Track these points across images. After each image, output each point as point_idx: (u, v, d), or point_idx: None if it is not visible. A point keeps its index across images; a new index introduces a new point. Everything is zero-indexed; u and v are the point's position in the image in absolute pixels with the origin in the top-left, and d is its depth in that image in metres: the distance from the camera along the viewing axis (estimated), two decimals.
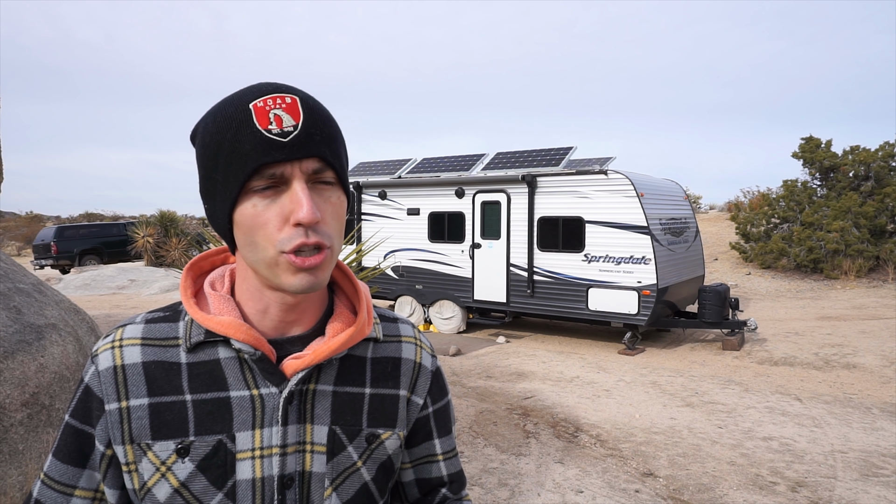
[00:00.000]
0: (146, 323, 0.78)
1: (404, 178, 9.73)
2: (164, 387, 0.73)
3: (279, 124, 0.66)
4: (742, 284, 13.34)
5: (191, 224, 23.29)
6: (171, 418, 0.72)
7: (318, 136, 0.69)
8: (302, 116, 0.68)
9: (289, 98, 0.68)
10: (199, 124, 0.72)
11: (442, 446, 0.91)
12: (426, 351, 0.89)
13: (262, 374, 0.74)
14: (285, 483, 0.73)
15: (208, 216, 0.74)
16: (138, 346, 0.75)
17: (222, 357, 0.74)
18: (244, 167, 0.66)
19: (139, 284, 14.85)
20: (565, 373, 6.69)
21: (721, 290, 7.73)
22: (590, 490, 3.80)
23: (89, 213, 38.65)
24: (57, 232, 19.01)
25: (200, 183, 0.72)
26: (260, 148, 0.66)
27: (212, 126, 0.69)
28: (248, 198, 0.68)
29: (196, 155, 0.72)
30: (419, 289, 9.43)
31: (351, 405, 0.78)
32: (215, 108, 0.70)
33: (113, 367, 0.74)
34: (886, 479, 3.90)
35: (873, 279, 12.71)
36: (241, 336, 0.73)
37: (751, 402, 5.52)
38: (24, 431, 2.40)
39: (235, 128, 0.67)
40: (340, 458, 0.76)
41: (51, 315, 2.86)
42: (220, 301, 0.76)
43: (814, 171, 14.52)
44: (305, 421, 0.75)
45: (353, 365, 0.80)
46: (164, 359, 0.74)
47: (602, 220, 7.78)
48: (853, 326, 8.74)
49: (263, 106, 0.67)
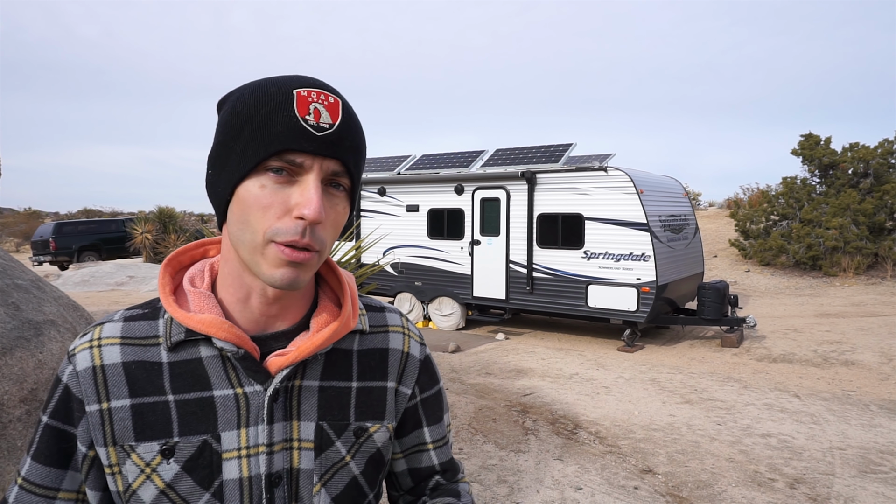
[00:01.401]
0: (125, 321, 0.76)
1: (403, 174, 9.72)
2: (145, 387, 0.71)
3: (317, 118, 0.67)
4: (741, 281, 13.35)
5: (189, 220, 23.28)
6: (155, 419, 0.70)
7: (349, 142, 0.69)
8: (340, 119, 0.68)
9: (332, 98, 0.69)
10: (234, 93, 0.71)
11: (432, 435, 0.90)
12: (414, 339, 0.88)
13: (245, 372, 0.72)
14: (273, 481, 0.72)
15: (208, 182, 0.72)
16: (118, 345, 0.73)
17: (204, 356, 0.73)
18: (269, 146, 0.66)
19: (138, 281, 14.83)
20: (564, 369, 6.69)
21: (720, 287, 7.73)
22: (589, 487, 3.80)
23: (88, 210, 38.60)
24: (55, 228, 18.98)
25: (213, 149, 0.71)
26: (291, 133, 0.66)
27: (248, 98, 0.68)
28: (259, 176, 0.67)
29: (219, 121, 0.71)
30: (418, 285, 9.43)
31: (338, 400, 0.77)
32: (255, 84, 0.70)
33: (92, 367, 0.72)
34: (885, 475, 3.91)
35: (872, 276, 12.72)
36: (222, 334, 0.71)
37: (749, 399, 5.53)
38: (22, 428, 2.40)
39: (273, 107, 0.66)
40: (329, 454, 0.76)
41: (49, 311, 2.86)
42: (201, 298, 0.74)
43: (813, 169, 14.51)
44: (292, 418, 0.74)
45: (340, 359, 0.79)
46: (145, 358, 0.73)
47: (601, 217, 7.78)
48: (852, 323, 8.75)
49: (307, 96, 0.67)
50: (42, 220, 33.25)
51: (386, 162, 10.46)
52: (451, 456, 0.94)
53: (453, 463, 0.94)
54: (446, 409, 0.93)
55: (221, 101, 0.73)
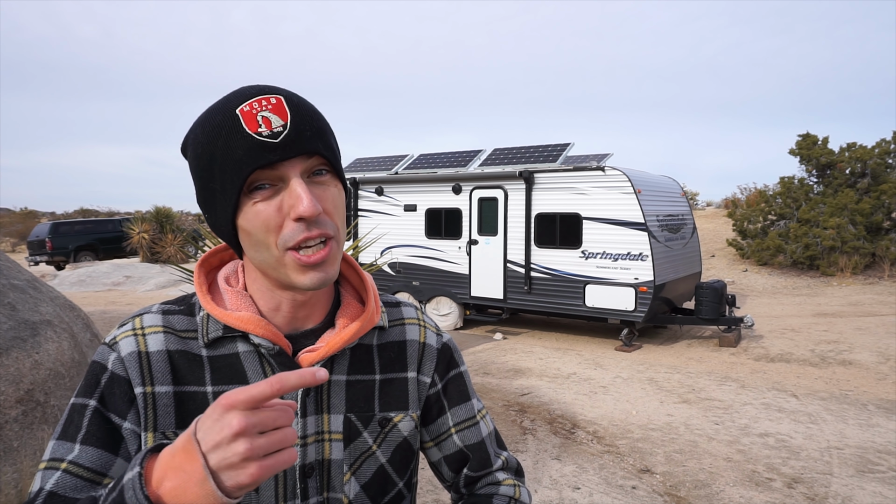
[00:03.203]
0: (163, 314, 0.79)
1: (401, 174, 9.71)
2: (187, 377, 0.74)
3: (268, 126, 0.67)
4: (739, 281, 13.37)
5: (186, 220, 23.23)
6: (195, 408, 0.73)
7: (309, 131, 0.69)
8: (289, 115, 0.68)
9: (273, 98, 0.69)
10: (189, 136, 0.73)
11: (454, 418, 0.90)
12: (430, 330, 0.91)
13: (280, 367, 0.75)
14: (307, 472, 0.75)
15: (211, 225, 0.75)
16: (161, 333, 0.76)
17: (241, 351, 0.76)
18: (240, 173, 0.67)
19: (134, 281, 14.79)
20: (562, 369, 6.69)
21: (718, 287, 7.74)
22: (587, 486, 3.80)
23: (84, 210, 38.52)
24: (52, 228, 18.92)
25: (198, 194, 0.73)
26: (253, 152, 0.66)
27: (202, 136, 0.69)
28: (247, 202, 0.69)
29: (190, 167, 0.73)
30: (416, 285, 9.42)
31: (363, 392, 0.81)
32: (202, 118, 0.71)
33: (137, 352, 0.74)
34: (882, 475, 3.91)
35: (869, 276, 12.75)
36: (259, 331, 0.74)
37: (747, 399, 5.54)
38: (18, 428, 2.38)
39: (226, 135, 0.67)
40: (357, 444, 0.79)
41: (46, 311, 2.84)
42: (237, 297, 0.77)
43: (811, 168, 14.54)
44: (323, 411, 0.77)
45: (363, 354, 0.82)
46: (187, 349, 0.76)
47: (599, 217, 7.78)
48: (849, 323, 8.77)
49: (250, 110, 0.67)
50: (38, 219, 33.16)
51: (383, 161, 10.45)
52: (481, 437, 0.91)
53: (481, 445, 0.91)
54: (472, 393, 0.93)
55: (183, 147, 0.74)
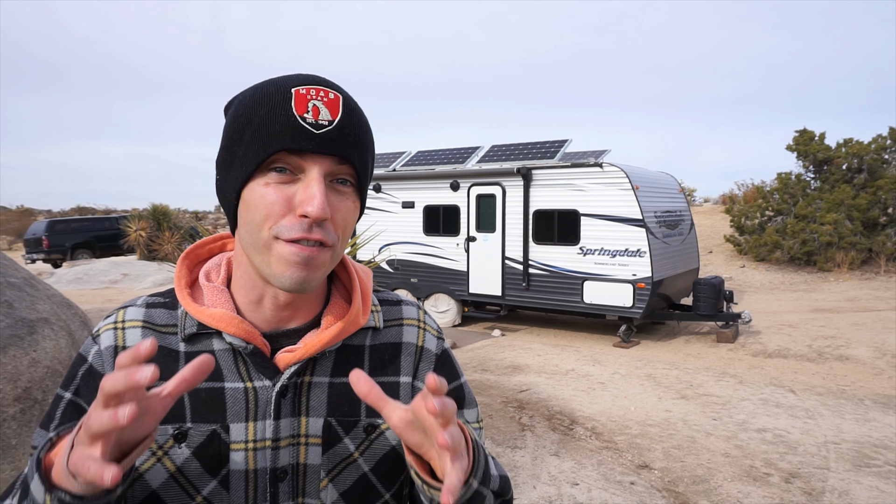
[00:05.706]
0: (146, 307, 0.78)
1: (399, 170, 9.69)
2: (163, 372, 0.72)
3: (315, 115, 0.66)
4: (736, 277, 13.39)
5: (184, 218, 23.19)
6: None
7: (351, 137, 0.68)
8: (340, 114, 0.67)
9: (332, 94, 0.68)
10: (237, 97, 0.72)
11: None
12: (430, 333, 0.86)
13: (255, 367, 0.73)
14: (278, 476, 0.72)
15: (217, 187, 0.73)
16: (139, 328, 0.75)
17: (217, 348, 0.74)
18: (268, 146, 0.66)
19: (132, 278, 14.76)
20: (560, 366, 6.70)
21: (715, 283, 7.76)
22: (585, 482, 3.81)
23: (81, 207, 38.40)
24: (48, 226, 18.86)
25: (220, 153, 0.72)
26: (289, 132, 0.65)
27: (248, 100, 0.69)
28: (262, 177, 0.67)
29: (224, 125, 0.72)
30: (414, 282, 9.42)
31: (348, 395, 0.76)
32: (257, 86, 0.70)
33: (114, 346, 0.74)
34: (879, 469, 3.93)
35: (866, 271, 12.79)
36: (232, 329, 0.72)
37: (745, 395, 5.55)
38: (16, 426, 2.38)
39: (271, 106, 0.66)
40: (336, 450, 0.75)
41: (43, 309, 2.83)
42: (214, 292, 0.76)
43: (807, 164, 14.57)
44: (300, 414, 0.74)
45: (351, 354, 0.79)
46: (164, 344, 0.75)
47: (597, 213, 7.78)
48: (846, 318, 8.80)
49: (305, 94, 0.66)
50: (35, 217, 33.05)
51: (381, 158, 10.43)
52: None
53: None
54: (472, 405, 0.87)
55: (227, 105, 0.73)
